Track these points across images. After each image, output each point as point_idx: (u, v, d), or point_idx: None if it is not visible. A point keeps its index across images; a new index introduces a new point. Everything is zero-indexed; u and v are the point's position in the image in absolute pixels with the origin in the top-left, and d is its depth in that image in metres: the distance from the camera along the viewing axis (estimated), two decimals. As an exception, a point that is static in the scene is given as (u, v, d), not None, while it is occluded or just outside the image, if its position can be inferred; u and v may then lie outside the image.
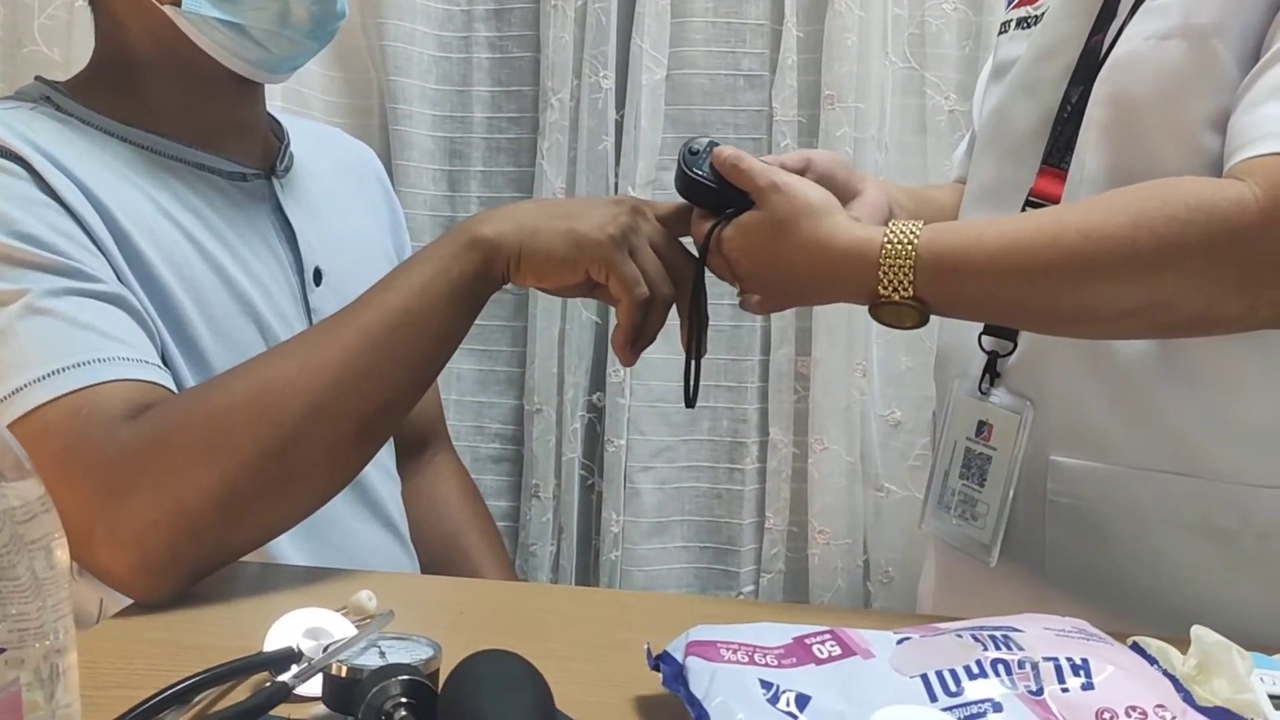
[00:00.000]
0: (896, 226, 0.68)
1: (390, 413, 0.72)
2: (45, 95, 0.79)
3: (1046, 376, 0.77)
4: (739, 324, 1.33)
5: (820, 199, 0.71)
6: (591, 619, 0.68)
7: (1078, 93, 0.75)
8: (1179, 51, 0.70)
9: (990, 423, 0.79)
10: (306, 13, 0.79)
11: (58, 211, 0.70)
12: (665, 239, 0.75)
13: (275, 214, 0.85)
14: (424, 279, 0.71)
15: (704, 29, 1.29)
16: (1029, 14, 0.86)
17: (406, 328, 0.70)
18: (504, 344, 1.39)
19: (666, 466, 1.35)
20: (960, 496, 0.81)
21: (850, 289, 0.70)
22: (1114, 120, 0.73)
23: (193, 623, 0.63)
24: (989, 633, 0.50)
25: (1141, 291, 0.64)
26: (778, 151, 1.28)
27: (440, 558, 1.00)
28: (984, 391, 0.80)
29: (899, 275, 0.67)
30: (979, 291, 0.68)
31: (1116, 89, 0.73)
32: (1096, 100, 0.74)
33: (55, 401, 0.64)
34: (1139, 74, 0.71)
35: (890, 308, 0.69)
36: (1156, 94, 0.71)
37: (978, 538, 0.79)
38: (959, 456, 0.81)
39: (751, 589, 1.35)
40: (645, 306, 0.74)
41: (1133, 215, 0.63)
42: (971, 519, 0.80)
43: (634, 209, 0.74)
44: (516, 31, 1.35)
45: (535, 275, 0.73)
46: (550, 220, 0.73)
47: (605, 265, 0.72)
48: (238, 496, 0.65)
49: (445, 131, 1.37)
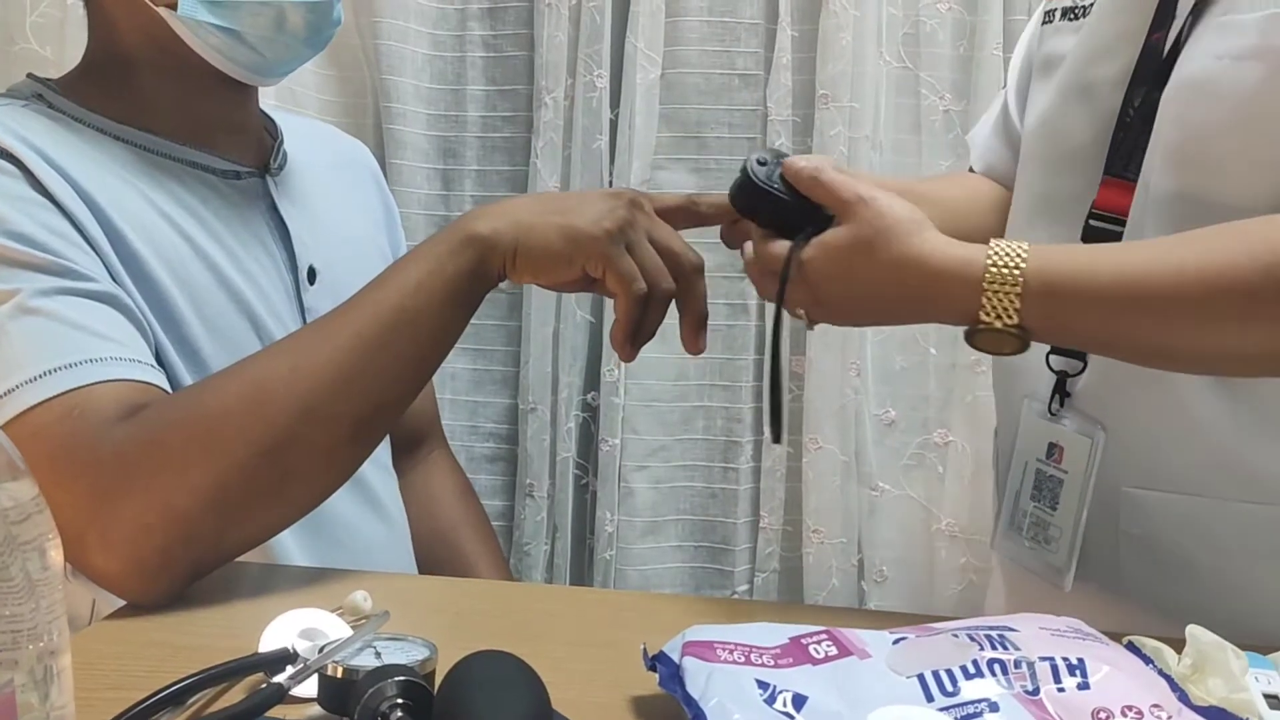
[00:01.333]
0: (1000, 247, 0.63)
1: (385, 412, 0.71)
2: (37, 93, 0.78)
3: (1116, 404, 0.75)
4: (733, 323, 1.33)
5: (911, 214, 0.66)
6: (587, 619, 0.68)
7: (1141, 95, 0.72)
8: (1256, 75, 0.66)
9: (1061, 445, 0.77)
10: (302, 20, 0.79)
11: (50, 210, 0.70)
12: (665, 232, 0.73)
13: (269, 212, 0.85)
14: (419, 277, 0.70)
15: (698, 28, 1.29)
16: (1076, 2, 0.82)
17: (401, 326, 0.69)
18: (499, 343, 1.39)
19: (661, 465, 1.35)
20: (1032, 519, 0.79)
21: (946, 312, 0.66)
22: (1184, 144, 0.70)
23: (187, 624, 0.62)
24: (985, 632, 0.50)
25: (1263, 337, 0.62)
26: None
27: (435, 556, 1.00)
28: (1054, 413, 0.77)
29: (1005, 301, 0.63)
30: (1089, 323, 0.64)
31: (1186, 111, 0.69)
32: (1165, 118, 0.70)
33: (47, 403, 0.64)
34: (1211, 97, 0.68)
35: (990, 335, 0.64)
36: (1231, 121, 0.68)
37: (1052, 561, 0.77)
38: (1030, 478, 0.79)
39: (746, 588, 1.35)
40: (643, 302, 0.72)
41: (1254, 257, 0.60)
42: (1045, 542, 0.77)
43: (632, 202, 0.73)
44: (511, 30, 1.35)
45: (532, 272, 0.72)
46: (546, 216, 0.72)
47: (601, 261, 0.70)
48: (231, 498, 0.65)
49: (440, 130, 1.37)
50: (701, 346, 0.75)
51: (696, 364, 1.33)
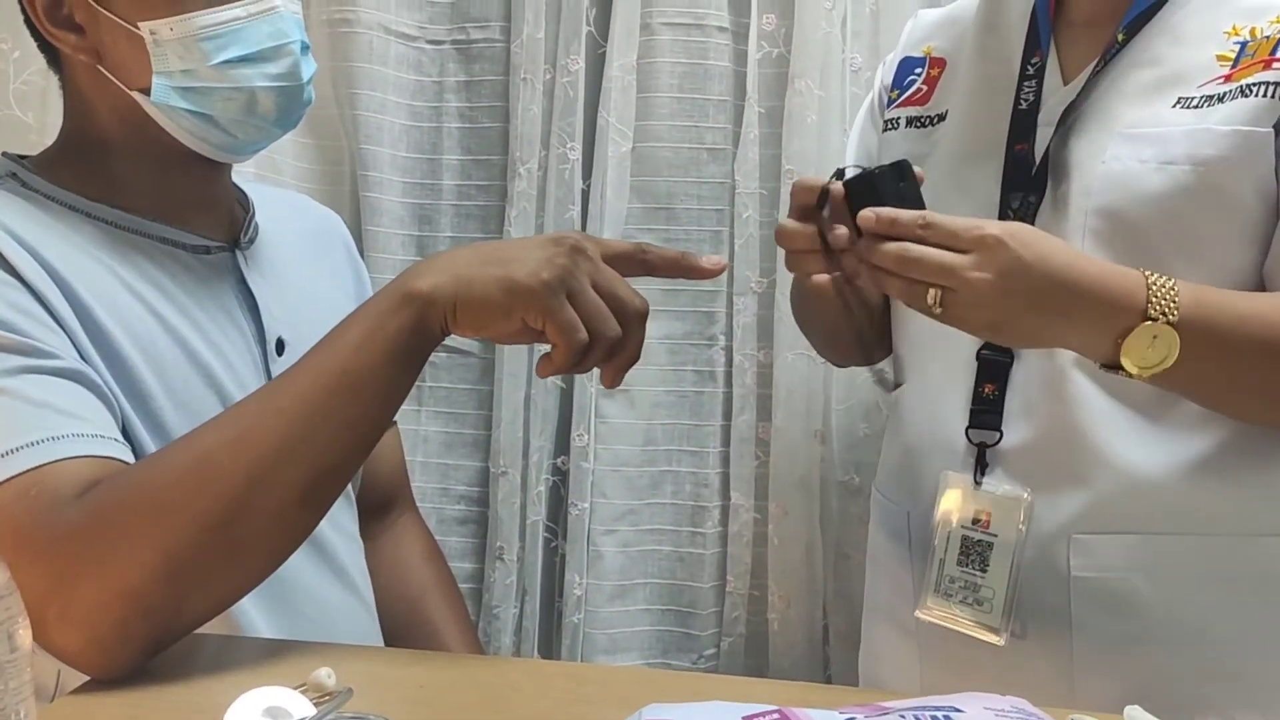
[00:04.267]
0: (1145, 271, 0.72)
1: (334, 475, 0.71)
2: (11, 172, 0.80)
3: (1041, 465, 0.81)
4: (701, 390, 1.35)
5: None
6: (549, 694, 0.68)
7: (1018, 199, 0.81)
8: (1185, 177, 0.76)
9: (988, 511, 0.82)
10: (273, 104, 0.81)
11: (17, 288, 0.71)
12: (609, 277, 0.71)
13: (238, 285, 0.86)
14: (360, 338, 0.70)
15: (668, 103, 1.33)
16: (921, 114, 0.92)
17: (344, 389, 0.69)
18: (470, 407, 1.40)
19: (629, 530, 1.36)
20: (962, 583, 0.83)
21: (1114, 309, 0.70)
22: (1114, 232, 0.78)
23: (152, 699, 0.63)
24: (931, 713, 0.52)
25: None
26: (740, 223, 1.31)
27: (402, 621, 1.00)
28: (978, 482, 0.82)
29: (1167, 296, 0.69)
30: (1228, 343, 0.71)
31: (1114, 203, 0.78)
32: (1089, 211, 0.79)
33: (7, 483, 0.65)
34: (1140, 193, 0.77)
35: (1143, 336, 0.69)
36: (1161, 212, 0.77)
37: (986, 621, 0.81)
38: (954, 545, 0.83)
39: (713, 652, 1.36)
40: (583, 351, 0.70)
41: None
42: (977, 604, 0.82)
43: (574, 248, 0.70)
44: (486, 103, 1.38)
45: (473, 326, 0.71)
46: (485, 268, 0.70)
47: (541, 313, 0.69)
48: (183, 571, 0.65)
49: (415, 198, 1.39)
50: (619, 383, 0.74)
51: (665, 429, 1.35)
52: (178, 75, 0.78)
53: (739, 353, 1.32)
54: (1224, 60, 0.78)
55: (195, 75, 0.78)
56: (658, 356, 1.33)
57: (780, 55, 1.31)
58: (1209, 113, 0.76)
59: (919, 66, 0.95)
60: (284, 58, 0.80)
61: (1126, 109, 0.80)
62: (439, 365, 1.40)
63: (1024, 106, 0.83)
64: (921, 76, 0.93)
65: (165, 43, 0.77)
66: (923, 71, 0.94)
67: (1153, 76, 0.80)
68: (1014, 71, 0.85)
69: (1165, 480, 0.78)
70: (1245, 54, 0.77)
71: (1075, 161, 0.80)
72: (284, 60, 0.80)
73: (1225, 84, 0.77)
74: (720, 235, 1.33)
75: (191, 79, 0.78)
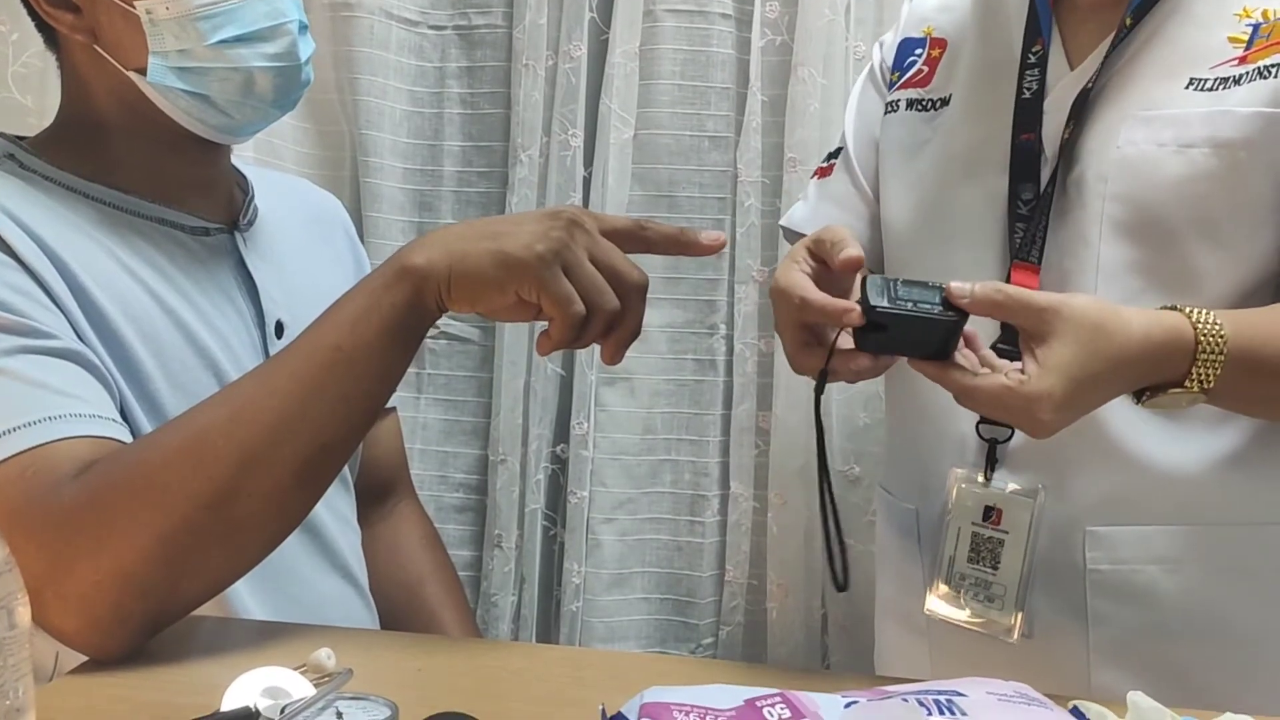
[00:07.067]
0: (1198, 316, 0.68)
1: (331, 454, 0.70)
2: (9, 153, 0.80)
3: (1054, 460, 0.80)
4: (701, 379, 1.35)
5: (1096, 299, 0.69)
6: (548, 677, 0.68)
7: (1028, 190, 0.80)
8: (1205, 160, 0.75)
9: (998, 507, 0.81)
10: (270, 84, 0.80)
11: (14, 269, 0.70)
12: (606, 249, 0.69)
13: (237, 268, 0.86)
14: (355, 315, 0.69)
15: (670, 91, 1.33)
16: (922, 96, 0.90)
17: (339, 366, 0.68)
18: (469, 394, 1.40)
19: (628, 518, 1.36)
20: (972, 580, 0.82)
21: (1150, 379, 0.69)
22: (1135, 219, 0.77)
23: (150, 680, 0.63)
24: (934, 697, 0.52)
25: None
26: (742, 211, 1.31)
27: (401, 607, 1.00)
28: (988, 478, 0.82)
29: (1210, 368, 0.67)
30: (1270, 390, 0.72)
31: (1132, 189, 0.77)
32: (1106, 197, 0.78)
33: (4, 463, 0.64)
34: (1159, 178, 0.77)
35: (1171, 396, 0.69)
36: (1181, 197, 0.76)
37: (997, 618, 0.81)
38: (965, 542, 0.82)
39: (711, 641, 1.36)
40: (581, 324, 0.69)
41: None
42: (988, 601, 0.81)
43: (571, 221, 0.69)
44: (488, 89, 1.38)
45: (468, 300, 0.69)
46: (478, 242, 0.69)
47: (535, 285, 0.67)
48: (179, 550, 0.65)
49: (415, 184, 1.39)
50: (619, 359, 0.73)
51: (664, 418, 1.35)
52: (174, 55, 0.77)
53: (739, 341, 1.32)
54: (1236, 42, 0.77)
55: (191, 55, 0.77)
56: (658, 345, 1.33)
57: (783, 43, 1.31)
58: (1225, 95, 0.76)
59: (919, 47, 0.93)
60: (281, 37, 0.80)
61: (1139, 92, 0.79)
62: (438, 353, 1.40)
63: (1028, 96, 0.82)
64: (922, 57, 0.92)
65: (161, 22, 0.76)
66: (923, 52, 0.93)
67: (1163, 58, 0.79)
68: (1016, 57, 0.84)
69: (1182, 470, 0.78)
70: (1260, 36, 0.76)
71: (1089, 148, 0.79)
72: (281, 40, 0.80)
73: (1240, 65, 0.76)
74: (721, 224, 1.33)
75: (188, 59, 0.77)
